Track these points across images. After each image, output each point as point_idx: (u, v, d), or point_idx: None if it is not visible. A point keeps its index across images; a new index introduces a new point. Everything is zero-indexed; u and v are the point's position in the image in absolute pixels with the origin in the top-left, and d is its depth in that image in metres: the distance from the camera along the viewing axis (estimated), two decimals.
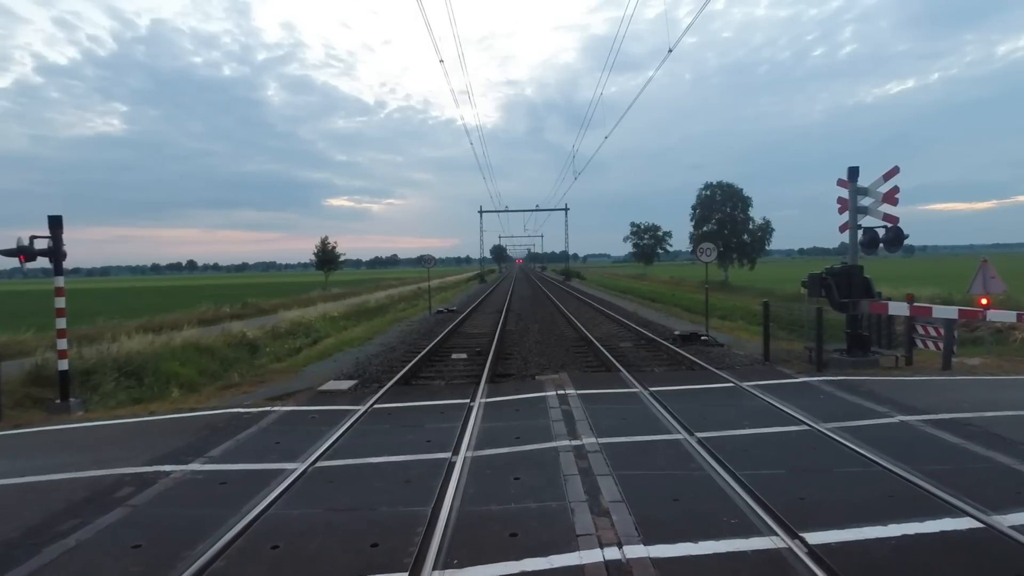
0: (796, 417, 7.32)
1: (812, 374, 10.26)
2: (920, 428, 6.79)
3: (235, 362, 20.49)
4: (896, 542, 4.03)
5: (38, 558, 4.05)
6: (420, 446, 6.61)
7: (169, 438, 7.10)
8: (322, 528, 4.52)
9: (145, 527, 4.62)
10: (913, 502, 4.73)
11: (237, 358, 21.03)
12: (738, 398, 8.61)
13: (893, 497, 4.83)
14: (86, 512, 4.86)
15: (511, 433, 7.01)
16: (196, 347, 20.16)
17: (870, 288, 11.29)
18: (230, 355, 20.95)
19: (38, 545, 4.25)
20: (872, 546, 3.99)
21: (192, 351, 19.63)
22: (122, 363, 16.11)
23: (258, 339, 23.76)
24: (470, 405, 8.54)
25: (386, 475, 5.73)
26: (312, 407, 8.73)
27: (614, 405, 8.23)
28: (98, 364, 15.47)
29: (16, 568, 3.92)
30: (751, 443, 6.42)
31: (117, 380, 15.26)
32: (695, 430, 6.86)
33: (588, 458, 5.97)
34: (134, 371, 16.15)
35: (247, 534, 4.40)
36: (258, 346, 23.07)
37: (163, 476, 5.75)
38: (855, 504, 4.73)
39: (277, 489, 5.31)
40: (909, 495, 4.86)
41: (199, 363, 18.95)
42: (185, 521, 4.73)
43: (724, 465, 5.65)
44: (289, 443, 6.84)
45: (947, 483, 4.97)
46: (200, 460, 6.23)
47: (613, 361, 12.05)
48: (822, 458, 5.88)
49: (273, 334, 25.35)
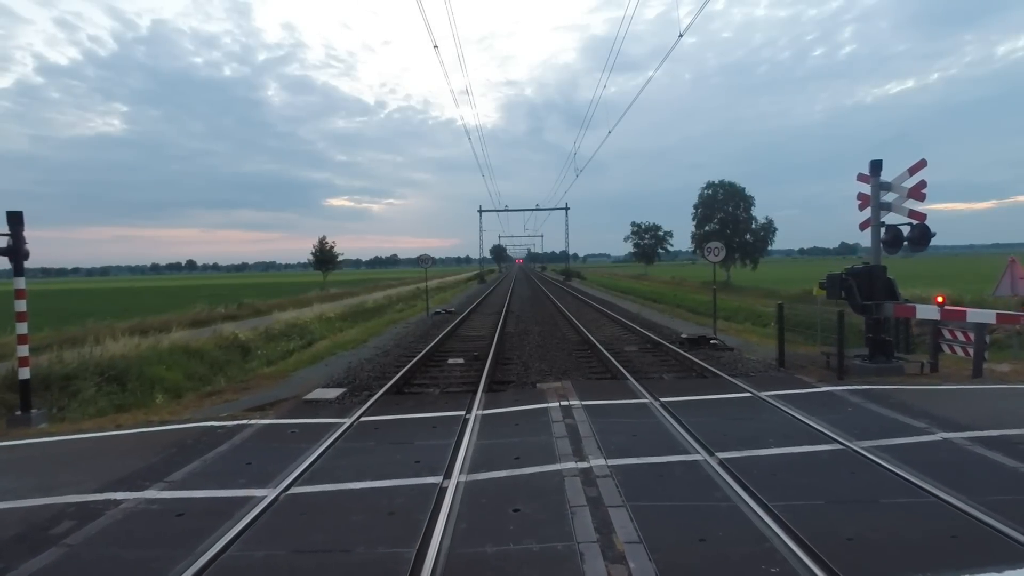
0: (826, 434, 6.60)
1: (834, 382, 9.54)
2: (967, 448, 6.08)
3: (226, 365, 19.79)
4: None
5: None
6: (408, 468, 5.90)
7: (130, 458, 6.39)
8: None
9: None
10: (983, 544, 4.02)
11: (228, 361, 20.32)
12: (758, 410, 7.89)
13: (957, 538, 4.12)
14: (12, 554, 4.15)
15: (510, 452, 6.30)
16: (185, 350, 19.41)
17: (893, 289, 10.58)
18: (221, 358, 20.22)
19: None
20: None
21: (180, 354, 18.88)
22: (105, 367, 15.38)
23: (250, 341, 23.03)
24: (465, 418, 7.83)
25: (367, 505, 5.01)
26: (293, 419, 8.02)
27: (623, 419, 7.52)
28: (79, 369, 14.74)
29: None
30: (780, 466, 5.71)
31: (98, 386, 14.54)
32: (715, 449, 6.15)
33: (597, 485, 5.26)
34: (117, 376, 15.41)
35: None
36: (250, 348, 22.37)
37: (112, 506, 5.04)
38: (914, 547, 4.02)
39: (240, 523, 4.60)
40: (976, 535, 4.15)
41: (187, 367, 18.21)
42: (126, 568, 4.01)
43: (753, 494, 4.93)
44: (262, 464, 6.12)
45: (1019, 519, 4.26)
46: (158, 486, 5.52)
47: (619, 367, 11.34)
48: (864, 486, 5.16)
49: (266, 336, 24.64)
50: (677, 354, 13.16)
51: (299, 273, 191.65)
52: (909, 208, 10.26)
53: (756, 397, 8.54)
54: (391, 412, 8.32)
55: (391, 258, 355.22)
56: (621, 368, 11.25)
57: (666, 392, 8.93)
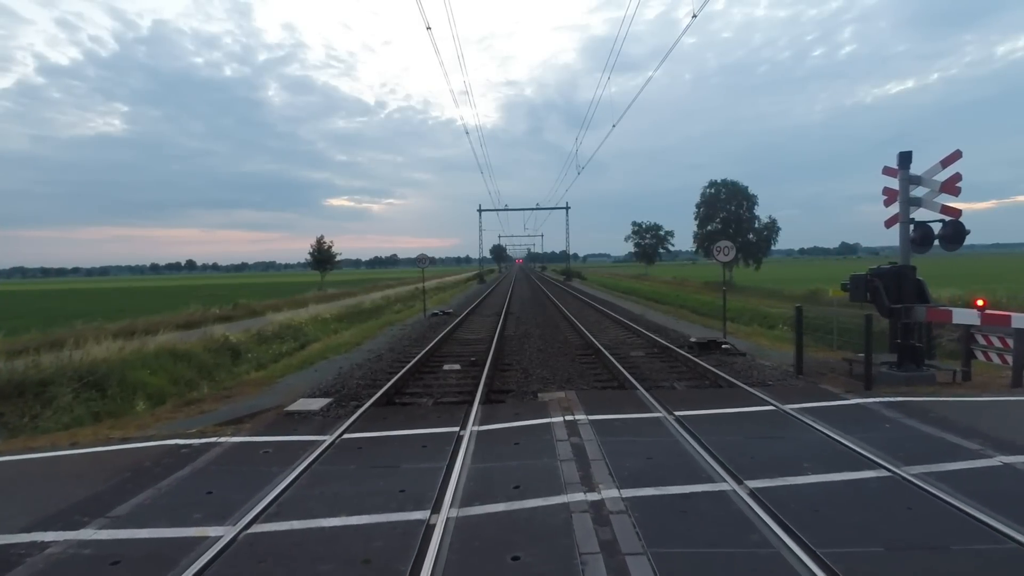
0: (867, 457, 5.82)
1: (862, 393, 8.75)
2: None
3: (214, 369, 19.02)
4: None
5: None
6: (391, 499, 5.11)
7: (76, 484, 5.60)
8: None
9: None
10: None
11: (217, 364, 19.54)
12: (785, 427, 7.10)
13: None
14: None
15: (509, 479, 5.51)
16: (172, 353, 18.59)
17: (924, 291, 9.80)
18: (209, 361, 19.42)
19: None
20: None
21: (167, 358, 18.07)
22: (84, 372, 14.58)
23: (241, 343, 22.24)
24: (459, 435, 7.04)
25: (339, 549, 4.23)
26: (268, 436, 7.22)
27: (635, 437, 6.72)
28: (56, 374, 13.94)
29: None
30: (821, 497, 4.92)
31: (76, 392, 13.75)
32: (743, 476, 5.36)
33: (611, 523, 4.47)
34: (97, 381, 14.61)
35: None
36: (241, 351, 21.61)
37: (36, 551, 4.25)
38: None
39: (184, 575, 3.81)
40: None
41: (173, 371, 17.41)
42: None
43: (796, 537, 4.15)
44: (224, 493, 5.33)
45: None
46: (98, 523, 4.72)
47: (626, 375, 10.54)
48: (927, 526, 4.37)
49: (259, 338, 23.86)
50: (687, 360, 12.38)
51: (298, 273, 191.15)
52: (941, 204, 9.47)
53: (780, 411, 7.75)
54: (377, 428, 7.53)
55: (391, 258, 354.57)
56: (629, 376, 10.46)
57: (680, 405, 8.13)
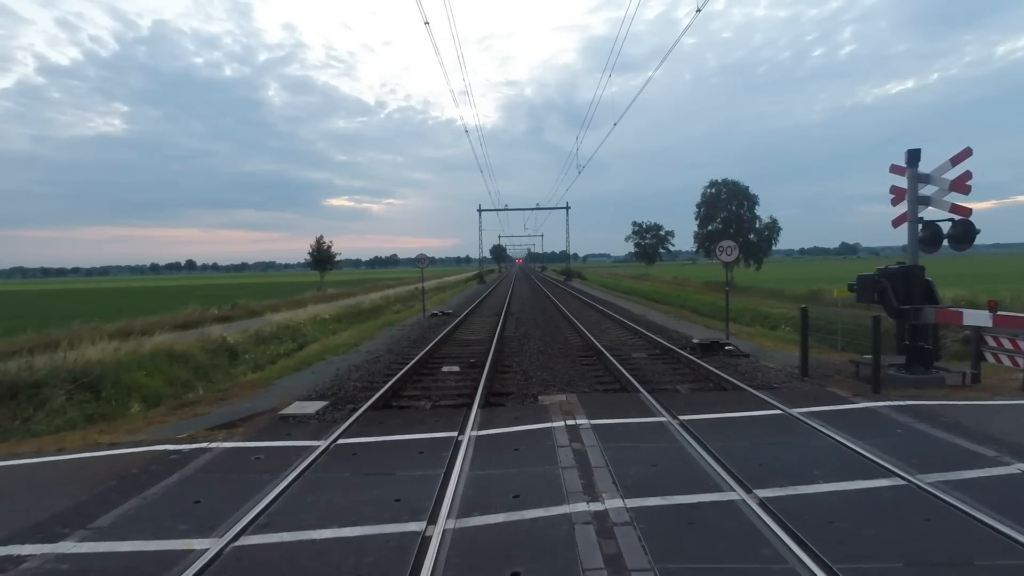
0: (880, 464, 5.61)
1: (870, 397, 8.54)
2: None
3: (211, 370, 18.83)
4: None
5: None
6: (386, 509, 4.90)
7: (59, 493, 5.39)
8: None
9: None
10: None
11: (214, 365, 19.34)
12: (793, 432, 6.88)
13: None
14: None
15: (508, 487, 5.30)
16: (168, 354, 18.38)
17: (932, 292, 9.59)
18: (206, 362, 19.23)
19: None
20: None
21: (163, 359, 17.86)
22: (78, 374, 14.37)
23: (239, 344, 22.04)
24: (458, 440, 6.83)
25: (330, 563, 4.02)
26: (261, 442, 7.01)
27: (639, 443, 6.51)
28: (49, 376, 13.74)
29: None
30: (835, 508, 4.71)
31: (70, 394, 13.55)
32: (752, 485, 5.15)
33: (615, 536, 4.26)
34: (91, 383, 14.40)
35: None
36: (238, 352, 21.42)
37: (11, 566, 4.04)
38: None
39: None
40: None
41: (169, 372, 17.21)
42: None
43: (811, 552, 3.94)
44: (213, 502, 5.13)
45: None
46: (78, 535, 4.52)
47: (628, 377, 10.33)
48: (947, 539, 4.16)
49: (256, 338, 23.67)
50: (690, 361, 12.17)
51: (298, 273, 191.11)
52: (952, 202, 9.26)
53: (788, 415, 7.54)
54: (373, 432, 7.32)
55: (391, 258, 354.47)
56: (631, 378, 10.25)
57: (685, 409, 7.92)
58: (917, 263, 9.64)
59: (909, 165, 9.69)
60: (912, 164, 9.65)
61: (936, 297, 9.57)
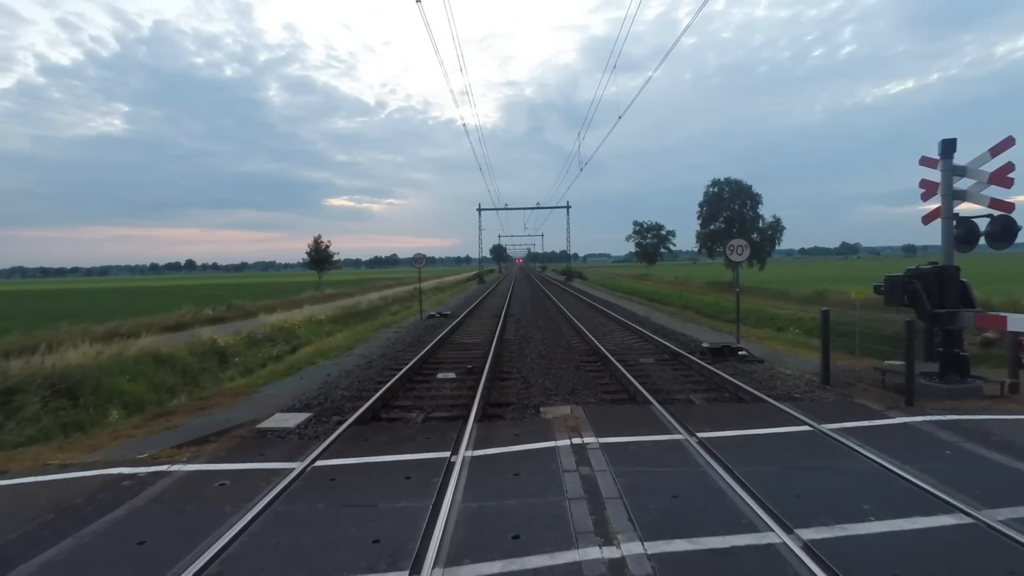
0: (937, 496, 4.84)
1: (905, 410, 7.77)
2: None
3: (199, 374, 18.11)
4: None
5: None
6: (362, 553, 4.14)
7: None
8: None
9: None
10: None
11: (203, 369, 18.62)
12: (828, 453, 6.11)
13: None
14: None
15: (507, 524, 4.54)
16: (154, 358, 17.63)
17: (967, 294, 8.83)
18: (195, 366, 18.49)
19: None
20: None
21: (148, 363, 17.11)
22: (56, 379, 13.62)
23: (230, 347, 21.31)
24: (450, 461, 6.07)
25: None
26: (229, 464, 6.24)
27: (655, 467, 5.74)
28: (25, 381, 12.99)
29: None
30: (896, 555, 3.95)
31: (45, 401, 12.79)
32: (793, 523, 4.39)
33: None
34: (70, 389, 13.66)
35: None
36: (229, 355, 20.68)
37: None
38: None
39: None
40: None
41: (154, 377, 16.47)
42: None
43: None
44: (160, 542, 4.36)
45: None
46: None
47: (637, 386, 9.57)
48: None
49: (248, 341, 22.95)
50: (702, 368, 11.40)
51: (297, 273, 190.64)
52: (991, 196, 8.50)
53: (818, 432, 6.77)
54: (357, 451, 6.55)
55: (390, 258, 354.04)
56: (640, 387, 9.49)
57: (703, 424, 7.16)
58: (952, 263, 8.87)
59: (943, 157, 8.93)
60: (946, 156, 8.88)
61: (972, 300, 8.81)
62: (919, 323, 9.11)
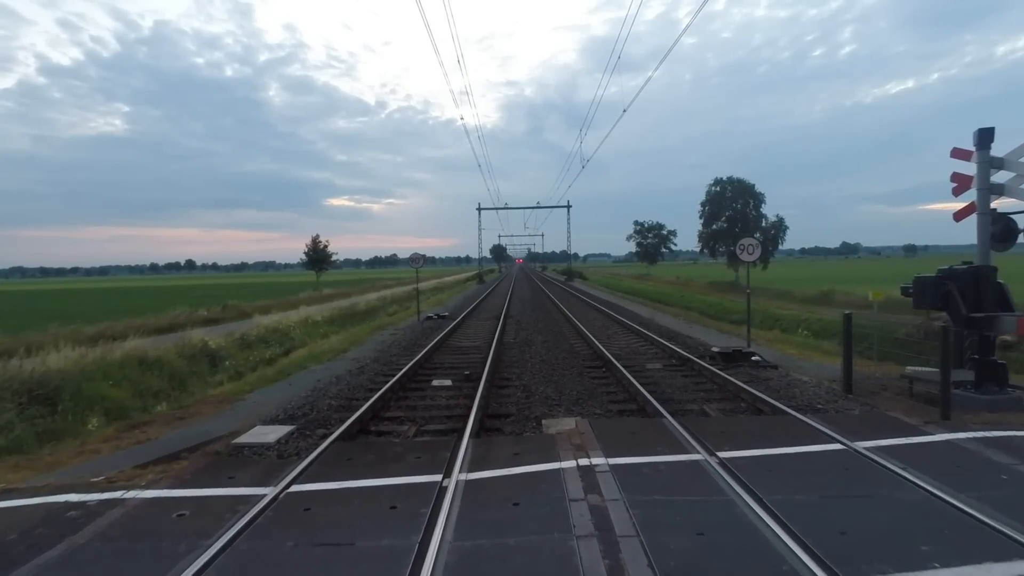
0: (1007, 535, 4.16)
1: (943, 425, 7.08)
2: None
3: (188, 378, 17.43)
4: None
5: None
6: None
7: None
8: None
9: None
10: None
11: (192, 373, 17.94)
12: (868, 478, 5.42)
13: None
14: None
15: (505, 571, 3.86)
16: (141, 361, 16.94)
17: (1005, 297, 8.15)
18: (183, 369, 17.82)
19: None
20: None
21: (134, 366, 16.43)
22: (34, 384, 12.95)
23: (222, 349, 20.65)
24: (442, 487, 5.39)
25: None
26: (193, 489, 5.55)
27: (674, 496, 5.06)
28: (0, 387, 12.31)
29: None
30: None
31: (21, 408, 12.11)
32: (844, 570, 3.71)
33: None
34: (49, 395, 12.98)
35: None
36: (220, 358, 20.02)
37: None
38: None
39: None
40: None
41: (140, 381, 15.78)
42: None
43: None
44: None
45: None
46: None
47: (646, 396, 8.88)
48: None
49: (241, 343, 22.28)
50: (714, 375, 10.71)
51: (297, 273, 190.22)
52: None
53: (852, 452, 6.08)
54: (338, 474, 5.86)
55: (391, 258, 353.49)
56: (649, 397, 8.80)
57: (722, 441, 6.47)
58: (988, 262, 8.20)
59: (979, 148, 8.24)
60: (983, 147, 8.20)
61: (1010, 303, 8.13)
62: (943, 326, 8.43)
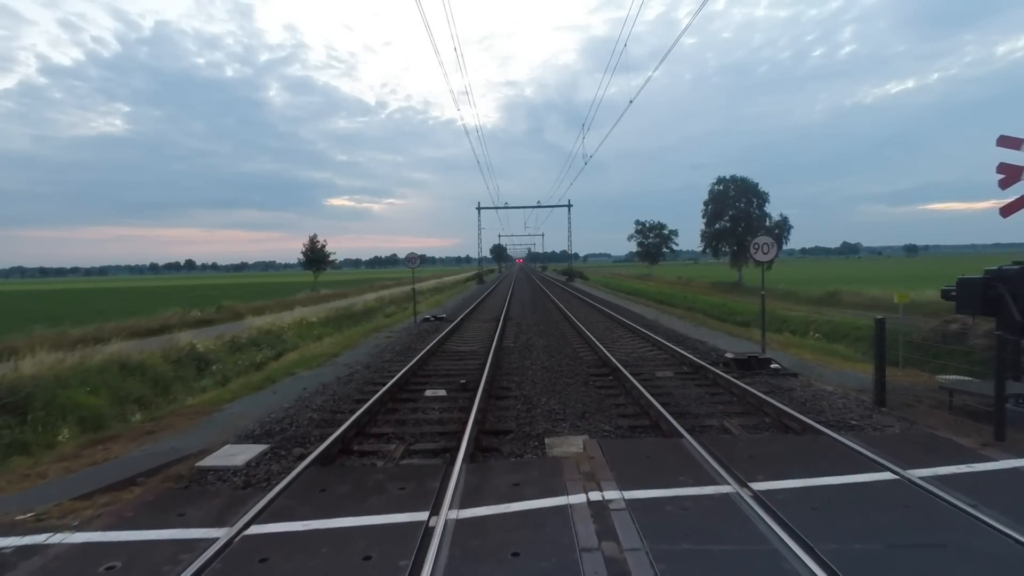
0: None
1: (1002, 447, 6.22)
2: None
3: (173, 383, 16.64)
4: None
5: None
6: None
7: None
8: None
9: None
10: None
11: (178, 377, 17.14)
12: (934, 520, 4.56)
13: None
14: None
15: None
16: (122, 366, 16.12)
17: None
18: (169, 374, 17.02)
19: None
20: None
21: (115, 371, 15.60)
22: (3, 393, 12.15)
23: (211, 352, 19.86)
24: (428, 528, 4.54)
25: None
26: (132, 531, 4.69)
27: (706, 544, 4.20)
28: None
29: None
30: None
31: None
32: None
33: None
34: (19, 403, 12.17)
35: None
36: (208, 361, 19.22)
37: None
38: None
39: None
40: None
41: (120, 388, 14.97)
42: None
43: None
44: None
45: None
46: None
47: (660, 409, 8.02)
48: None
49: (232, 345, 21.50)
50: (731, 384, 9.85)
51: (296, 273, 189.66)
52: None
53: (907, 482, 5.22)
54: (307, 511, 5.00)
55: (390, 258, 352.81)
56: (663, 411, 7.94)
57: (753, 468, 5.61)
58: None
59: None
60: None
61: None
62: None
